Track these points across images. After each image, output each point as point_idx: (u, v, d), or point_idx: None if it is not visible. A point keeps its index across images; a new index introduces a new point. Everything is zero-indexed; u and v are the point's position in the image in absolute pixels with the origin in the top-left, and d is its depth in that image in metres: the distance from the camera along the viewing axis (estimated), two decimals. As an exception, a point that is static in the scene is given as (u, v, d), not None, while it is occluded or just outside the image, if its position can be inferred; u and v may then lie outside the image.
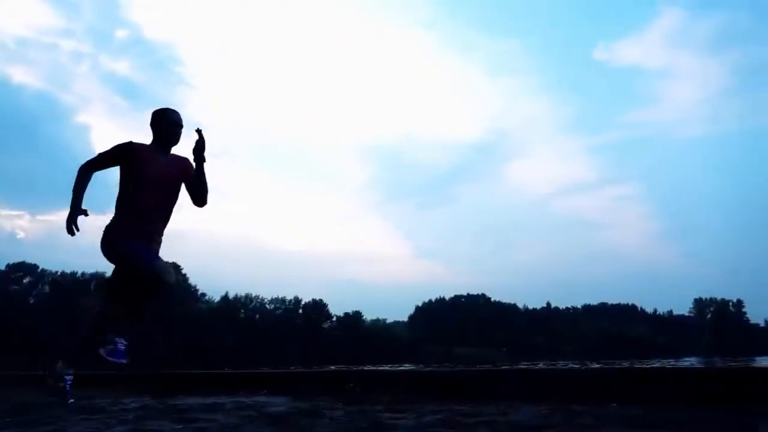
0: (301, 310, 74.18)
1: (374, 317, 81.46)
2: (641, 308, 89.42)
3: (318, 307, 74.56)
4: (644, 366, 3.28)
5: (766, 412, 1.87)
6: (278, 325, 67.11)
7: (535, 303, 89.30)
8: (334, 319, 75.59)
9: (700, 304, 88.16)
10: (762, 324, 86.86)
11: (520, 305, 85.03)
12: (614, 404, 2.20)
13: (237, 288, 68.19)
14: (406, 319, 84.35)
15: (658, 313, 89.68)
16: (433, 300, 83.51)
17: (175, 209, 3.01)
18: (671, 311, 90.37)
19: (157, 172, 2.92)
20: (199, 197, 3.04)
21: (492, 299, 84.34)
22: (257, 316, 70.85)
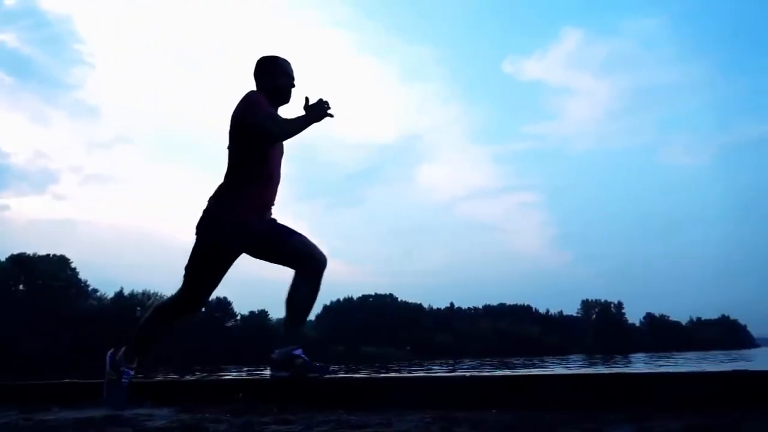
0: (203, 309, 71.15)
1: (281, 316, 79.88)
2: (535, 309, 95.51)
3: (221, 305, 72.02)
4: (524, 373, 3.48)
5: (625, 415, 2.05)
6: (179, 324, 63.99)
7: (440, 303, 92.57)
8: (239, 317, 73.47)
9: (586, 305, 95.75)
10: (637, 324, 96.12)
11: (426, 305, 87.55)
12: (494, 410, 2.33)
13: (133, 284, 64.14)
14: (313, 318, 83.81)
15: (549, 313, 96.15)
16: (341, 299, 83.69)
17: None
18: (561, 312, 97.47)
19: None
20: None
21: (399, 299, 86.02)
22: (155, 314, 67.20)
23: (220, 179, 2.52)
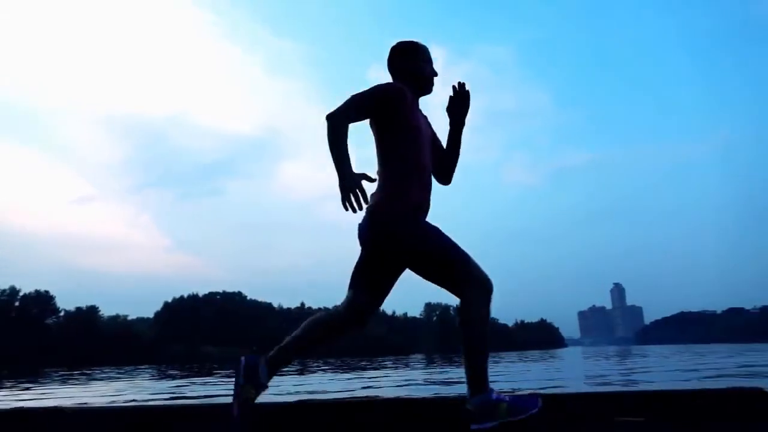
0: (18, 303, 62.34)
1: (114, 313, 73.42)
2: (382, 310, 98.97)
3: (41, 299, 63.73)
4: (351, 398, 3.50)
5: None
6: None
7: (291, 302, 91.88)
8: (62, 313, 65.53)
9: (429, 307, 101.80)
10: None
11: (276, 304, 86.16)
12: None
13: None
14: (152, 315, 77.78)
15: (395, 314, 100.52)
16: (185, 296, 78.85)
17: None
18: (406, 313, 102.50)
19: (425, 128, 2.18)
20: (450, 171, 2.33)
21: (248, 297, 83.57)
22: (-47, 308, 57.20)
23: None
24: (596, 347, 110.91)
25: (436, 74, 2.25)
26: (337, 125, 1.95)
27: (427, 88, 2.24)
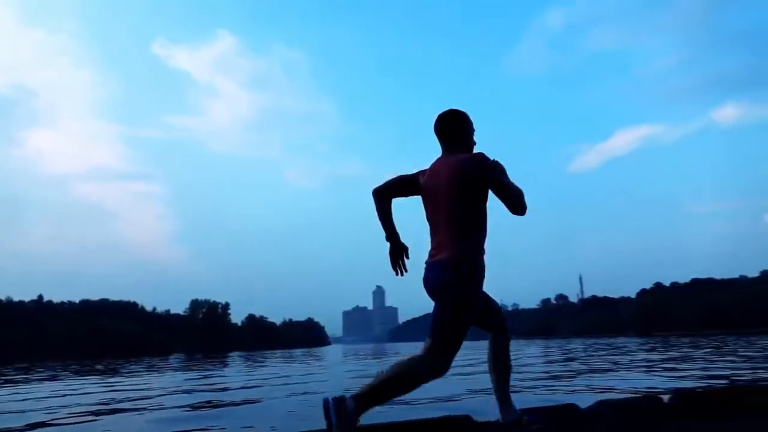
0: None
1: None
2: (141, 306, 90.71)
3: None
4: None
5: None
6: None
7: (24, 295, 78.12)
8: None
9: (195, 305, 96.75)
10: (240, 324, 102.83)
11: (3, 297, 72.16)
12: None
13: None
14: None
15: (156, 311, 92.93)
16: None
17: None
18: (169, 310, 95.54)
19: None
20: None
21: (-36, 288, 68.16)
22: None
23: None
24: (356, 345, 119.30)
25: (475, 143, 2.45)
26: (525, 205, 2.24)
27: None
